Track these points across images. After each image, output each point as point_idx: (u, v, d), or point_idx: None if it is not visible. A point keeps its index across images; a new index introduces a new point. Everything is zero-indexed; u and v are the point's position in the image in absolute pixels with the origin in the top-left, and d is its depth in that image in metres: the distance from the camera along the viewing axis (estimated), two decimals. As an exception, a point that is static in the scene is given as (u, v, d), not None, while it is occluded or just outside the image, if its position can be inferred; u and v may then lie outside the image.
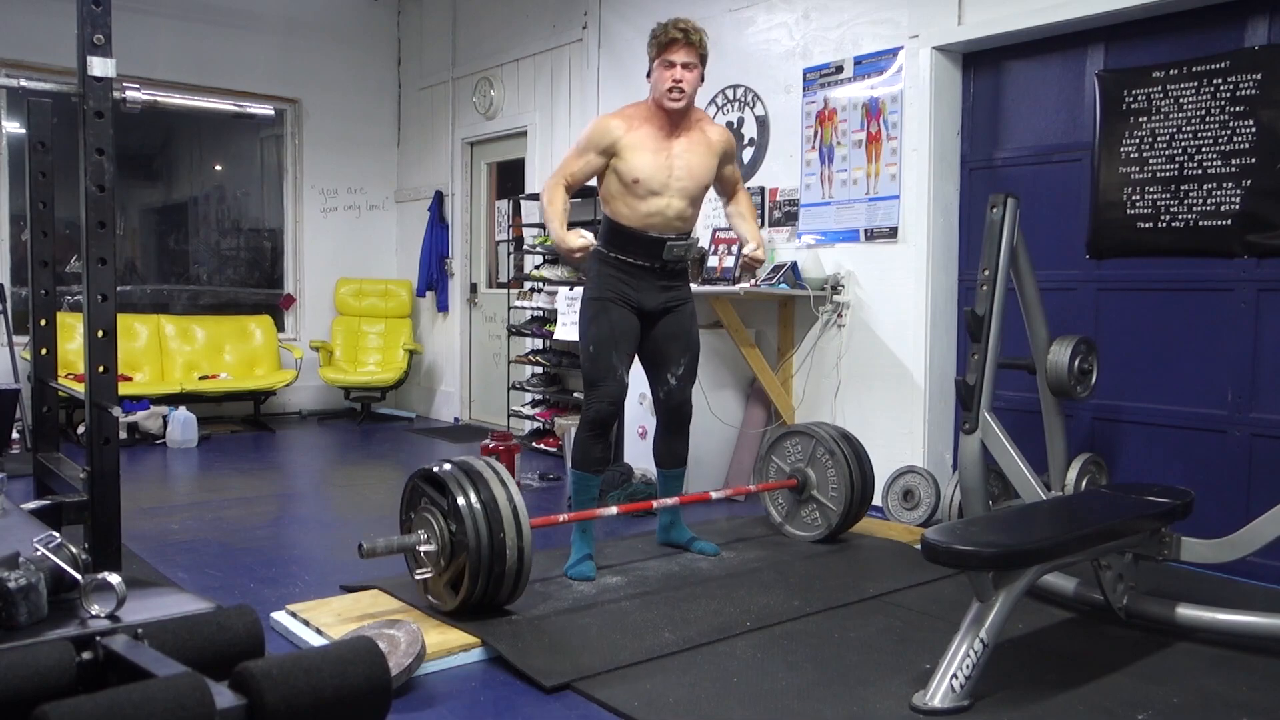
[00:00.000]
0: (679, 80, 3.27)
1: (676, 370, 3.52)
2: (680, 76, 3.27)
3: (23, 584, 1.50)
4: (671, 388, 3.53)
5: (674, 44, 3.28)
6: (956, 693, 2.34)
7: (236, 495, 4.84)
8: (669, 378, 3.52)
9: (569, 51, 6.32)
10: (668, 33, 3.29)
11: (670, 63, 3.27)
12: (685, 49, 3.29)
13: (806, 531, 3.93)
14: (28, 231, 2.99)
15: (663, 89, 3.29)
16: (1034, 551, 2.47)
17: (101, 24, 2.11)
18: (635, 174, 3.32)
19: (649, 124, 3.36)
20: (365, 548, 2.82)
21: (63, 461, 2.93)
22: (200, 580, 3.38)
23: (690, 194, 3.39)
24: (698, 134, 3.42)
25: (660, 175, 3.33)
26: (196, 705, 1.21)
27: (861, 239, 4.60)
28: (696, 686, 2.48)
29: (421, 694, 2.46)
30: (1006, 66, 4.29)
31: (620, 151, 3.33)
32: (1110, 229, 3.89)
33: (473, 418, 7.37)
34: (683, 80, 3.28)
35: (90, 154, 2.12)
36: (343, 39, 7.74)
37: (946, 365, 4.46)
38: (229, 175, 7.99)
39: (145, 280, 7.52)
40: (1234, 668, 2.65)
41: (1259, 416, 3.54)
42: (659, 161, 3.34)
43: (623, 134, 3.33)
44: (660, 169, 3.33)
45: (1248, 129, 3.52)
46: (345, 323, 7.67)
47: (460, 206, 7.40)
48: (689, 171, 3.37)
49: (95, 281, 2.15)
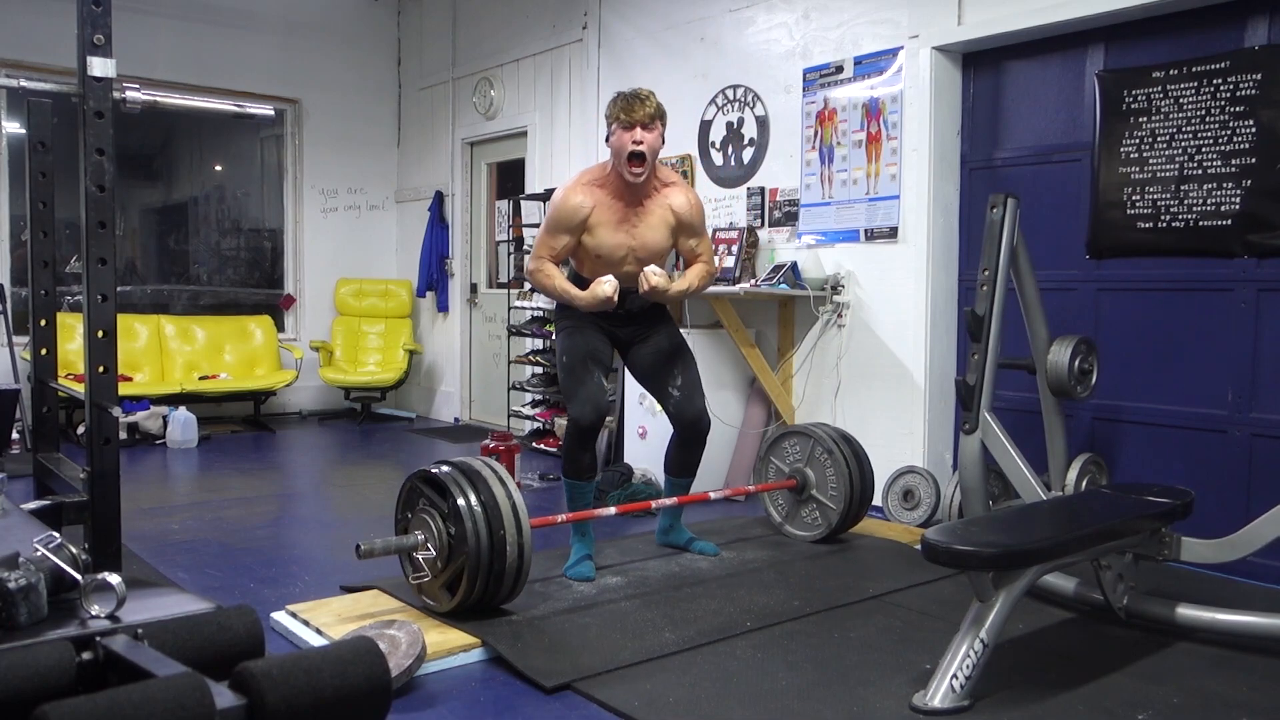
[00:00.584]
0: (639, 142, 3.24)
1: (674, 382, 3.51)
2: (640, 138, 3.24)
3: (23, 584, 1.50)
4: (676, 400, 3.51)
5: (631, 105, 3.27)
6: (956, 693, 2.34)
7: (236, 495, 4.84)
8: (670, 391, 3.51)
9: (569, 51, 6.33)
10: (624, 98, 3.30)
11: (630, 124, 3.24)
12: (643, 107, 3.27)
13: (806, 531, 3.93)
14: (28, 231, 2.99)
15: (624, 152, 3.26)
16: (1034, 551, 2.47)
17: (101, 24, 2.11)
18: (597, 251, 3.39)
19: (611, 195, 3.38)
20: (363, 549, 2.82)
21: (63, 462, 2.92)
22: (200, 580, 3.38)
23: (647, 260, 3.41)
24: (658, 205, 3.41)
25: (620, 249, 3.39)
26: (196, 705, 1.21)
27: (861, 239, 4.60)
28: (696, 686, 2.48)
29: (421, 694, 2.46)
30: (1006, 66, 4.29)
31: (588, 228, 3.38)
32: (1110, 229, 3.89)
33: (473, 418, 7.37)
34: (643, 141, 3.25)
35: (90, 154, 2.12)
36: (343, 39, 7.74)
37: (946, 365, 4.46)
38: (229, 175, 7.99)
39: (145, 280, 7.52)
40: (1234, 668, 2.65)
41: (1259, 416, 3.54)
42: (619, 238, 3.38)
43: (588, 212, 3.36)
44: (620, 245, 3.39)
45: (1248, 129, 3.52)
46: (345, 323, 7.68)
47: (460, 207, 7.40)
48: (645, 244, 3.41)
49: (95, 281, 2.15)
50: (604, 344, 3.49)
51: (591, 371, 3.39)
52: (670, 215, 3.43)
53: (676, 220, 3.44)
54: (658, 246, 3.43)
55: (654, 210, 3.41)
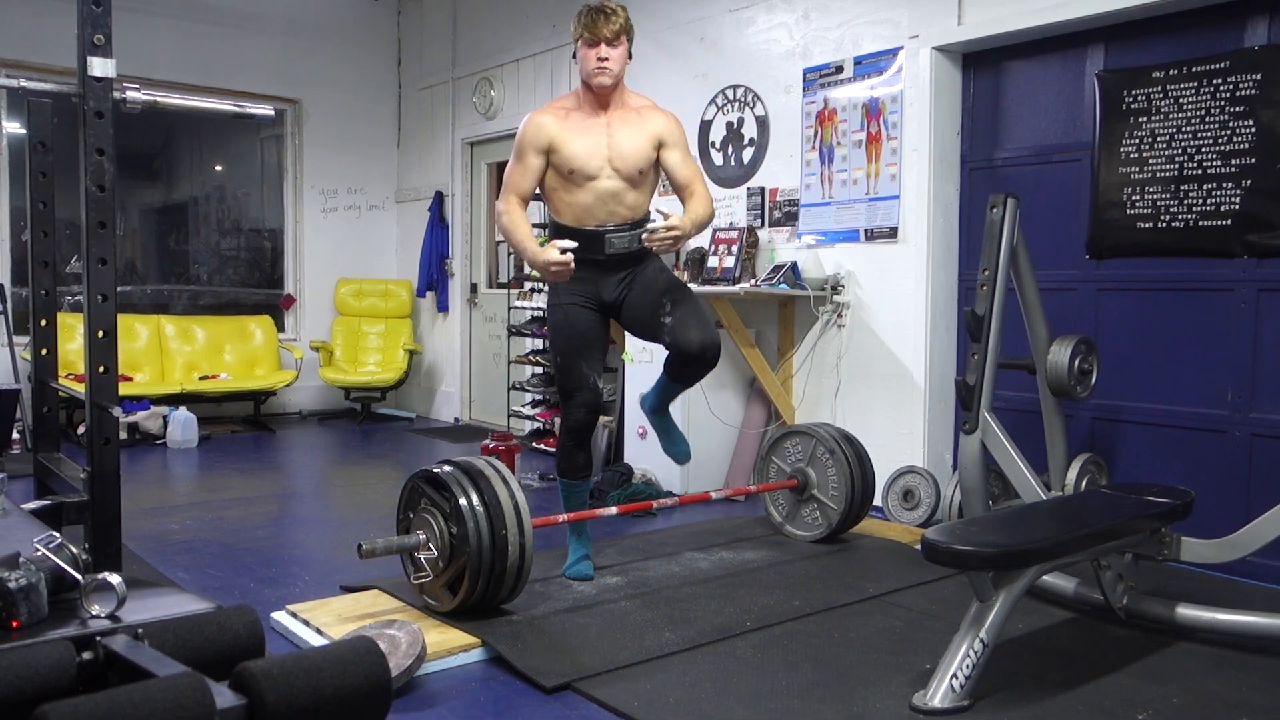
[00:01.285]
0: (604, 59, 3.12)
1: (664, 310, 3.16)
2: (605, 54, 3.12)
3: (23, 584, 1.50)
4: (670, 327, 3.15)
5: (595, 21, 3.14)
6: (956, 693, 2.34)
7: (236, 495, 4.84)
8: (662, 319, 3.16)
9: (569, 51, 6.30)
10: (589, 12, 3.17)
11: (594, 40, 3.12)
12: (607, 23, 3.13)
13: (807, 531, 3.93)
14: (28, 231, 2.99)
15: (589, 68, 3.14)
16: (1034, 551, 2.47)
17: (101, 24, 2.11)
18: (571, 164, 3.16)
19: (580, 109, 3.22)
20: (365, 548, 2.82)
21: (63, 462, 2.93)
22: (200, 580, 3.38)
23: (627, 175, 3.18)
24: (632, 114, 3.23)
25: (596, 158, 3.16)
26: (196, 705, 1.21)
27: (861, 239, 4.60)
28: (696, 686, 2.48)
29: (422, 694, 2.46)
30: (1006, 66, 4.29)
31: (556, 145, 3.17)
32: (1110, 229, 3.89)
33: (473, 418, 7.37)
34: (607, 59, 3.12)
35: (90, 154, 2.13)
36: (343, 39, 7.74)
37: (946, 365, 4.46)
38: (229, 175, 7.99)
39: (145, 280, 7.52)
40: (1234, 668, 2.65)
41: (1259, 416, 3.54)
42: (592, 141, 3.16)
43: (557, 127, 3.18)
44: (595, 150, 3.16)
45: (1248, 129, 3.52)
46: (345, 323, 7.67)
47: (460, 207, 7.40)
48: (622, 151, 3.17)
49: (95, 281, 2.15)
50: (595, 328, 3.28)
51: (583, 366, 3.24)
52: (648, 125, 3.23)
53: (655, 132, 3.23)
54: (636, 155, 3.19)
55: (628, 119, 3.22)
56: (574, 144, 3.16)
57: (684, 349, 3.13)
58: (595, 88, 3.17)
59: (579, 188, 3.18)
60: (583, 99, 3.23)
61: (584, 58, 3.17)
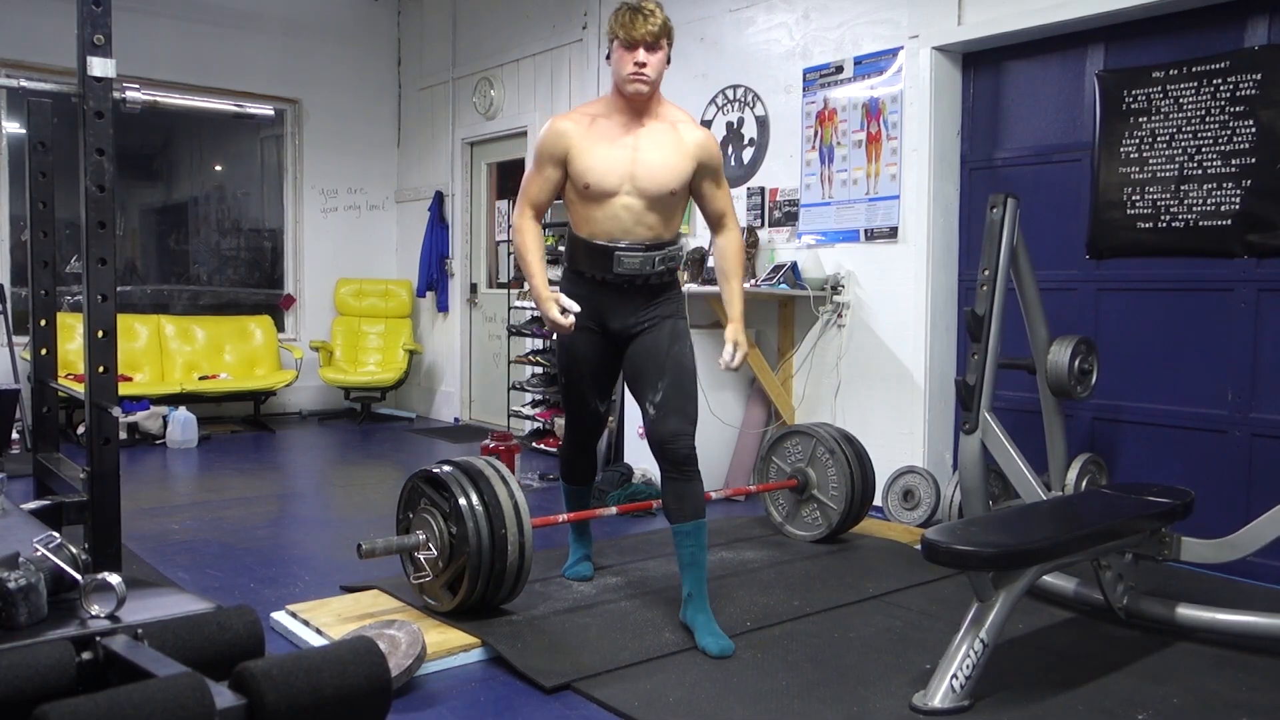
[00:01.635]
0: (641, 64, 2.78)
1: (653, 398, 2.89)
2: (643, 59, 2.77)
3: (23, 584, 1.50)
4: (651, 419, 2.90)
5: (633, 21, 2.79)
6: (956, 693, 2.34)
7: (236, 495, 4.84)
8: (647, 407, 2.91)
9: (569, 51, 6.32)
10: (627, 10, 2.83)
11: (632, 42, 2.78)
12: (645, 24, 2.79)
13: (807, 531, 3.93)
14: (28, 231, 2.99)
15: (624, 73, 2.80)
16: (1034, 551, 2.47)
17: (101, 24, 2.11)
18: (586, 177, 2.84)
19: (608, 117, 2.89)
20: (364, 548, 2.82)
21: (63, 462, 2.92)
22: (200, 580, 3.38)
23: (652, 195, 2.85)
24: (666, 129, 2.89)
25: (615, 173, 2.83)
26: (196, 705, 1.21)
27: (861, 239, 4.60)
28: (696, 686, 2.48)
29: (421, 694, 2.46)
30: (1006, 67, 4.29)
31: (574, 155, 2.86)
32: (1110, 229, 3.89)
33: (473, 418, 7.37)
34: (645, 64, 2.78)
35: (90, 154, 2.12)
36: (343, 39, 7.73)
37: (946, 365, 4.46)
38: (229, 175, 7.99)
39: (145, 280, 7.51)
40: (1234, 668, 2.65)
41: (1259, 416, 3.54)
42: (615, 155, 2.84)
43: (577, 136, 2.86)
44: (616, 164, 2.83)
45: (1248, 129, 3.52)
46: (345, 323, 7.67)
47: (460, 207, 7.40)
48: (650, 168, 2.83)
49: (95, 281, 2.15)
50: (599, 353, 3.03)
51: (586, 394, 3.11)
52: (684, 143, 2.88)
53: (692, 153, 2.89)
54: (664, 174, 2.84)
55: (661, 134, 2.87)
56: (593, 156, 2.85)
57: (658, 437, 2.90)
58: (629, 95, 2.83)
59: (595, 204, 2.87)
60: (613, 105, 2.89)
61: (619, 61, 2.82)
